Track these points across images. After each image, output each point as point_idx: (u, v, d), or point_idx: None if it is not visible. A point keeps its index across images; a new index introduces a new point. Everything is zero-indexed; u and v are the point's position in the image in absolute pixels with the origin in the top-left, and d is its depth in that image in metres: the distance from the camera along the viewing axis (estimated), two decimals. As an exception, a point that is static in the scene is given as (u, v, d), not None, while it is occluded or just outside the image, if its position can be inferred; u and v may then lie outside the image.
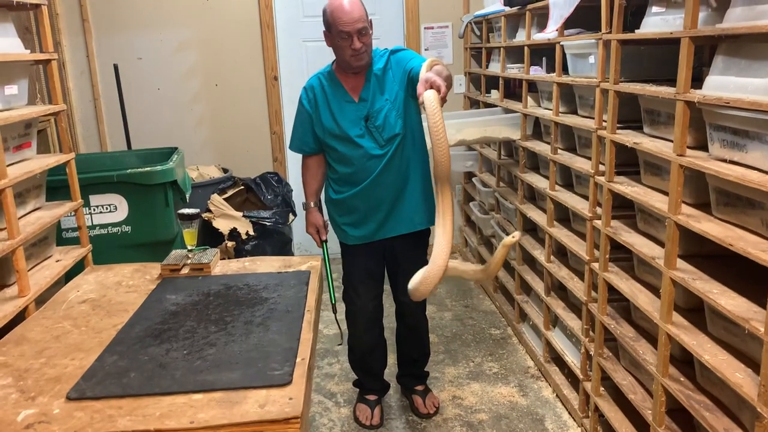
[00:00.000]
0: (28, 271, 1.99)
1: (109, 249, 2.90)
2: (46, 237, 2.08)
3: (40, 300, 1.86)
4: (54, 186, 2.41)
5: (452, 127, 3.28)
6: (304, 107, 2.41)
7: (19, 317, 1.76)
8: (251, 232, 3.71)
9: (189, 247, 2.11)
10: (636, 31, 2.04)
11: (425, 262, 1.85)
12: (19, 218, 1.95)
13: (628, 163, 2.25)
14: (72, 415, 1.25)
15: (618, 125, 2.19)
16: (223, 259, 3.77)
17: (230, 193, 3.90)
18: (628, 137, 2.10)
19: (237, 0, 4.26)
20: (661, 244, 1.97)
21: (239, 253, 3.71)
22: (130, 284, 1.97)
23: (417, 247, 2.53)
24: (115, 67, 3.92)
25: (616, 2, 2.08)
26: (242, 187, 3.98)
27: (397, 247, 2.50)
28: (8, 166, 1.87)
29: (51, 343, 1.56)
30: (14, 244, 1.74)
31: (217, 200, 3.75)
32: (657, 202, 1.93)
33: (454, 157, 4.28)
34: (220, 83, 4.36)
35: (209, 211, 3.76)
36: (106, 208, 2.93)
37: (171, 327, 1.62)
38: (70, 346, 1.54)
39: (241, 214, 3.75)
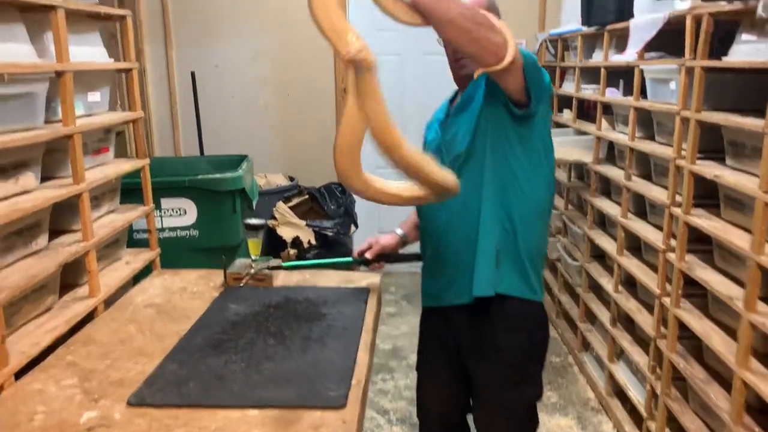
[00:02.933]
0: (99, 272, 2.06)
1: (177, 251, 2.97)
2: (117, 239, 2.15)
3: (109, 301, 1.92)
4: (127, 189, 2.49)
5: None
6: None
7: (88, 317, 1.82)
8: (313, 242, 3.74)
9: (253, 257, 2.13)
10: (723, 58, 1.95)
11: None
12: (94, 220, 2.01)
13: (708, 195, 2.14)
14: (132, 421, 1.27)
15: (698, 155, 2.09)
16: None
17: (295, 201, 3.95)
18: (709, 169, 2.00)
19: (313, 12, 4.32)
20: (740, 283, 1.87)
21: (301, 260, 3.74)
22: (194, 290, 2.00)
23: (482, 338, 1.74)
24: (192, 75, 4.04)
25: (703, 28, 1.99)
26: (307, 196, 4.02)
27: (462, 328, 1.78)
28: (87, 170, 1.94)
29: (116, 346, 1.60)
30: (88, 247, 1.80)
31: (282, 208, 3.81)
32: (737, 239, 1.82)
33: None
34: (291, 93, 4.43)
35: (274, 218, 3.81)
36: (176, 212, 3.01)
37: (231, 338, 1.63)
38: (134, 350, 1.58)
39: (304, 222, 3.79)
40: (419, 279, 1.91)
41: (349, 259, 2.04)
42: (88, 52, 1.93)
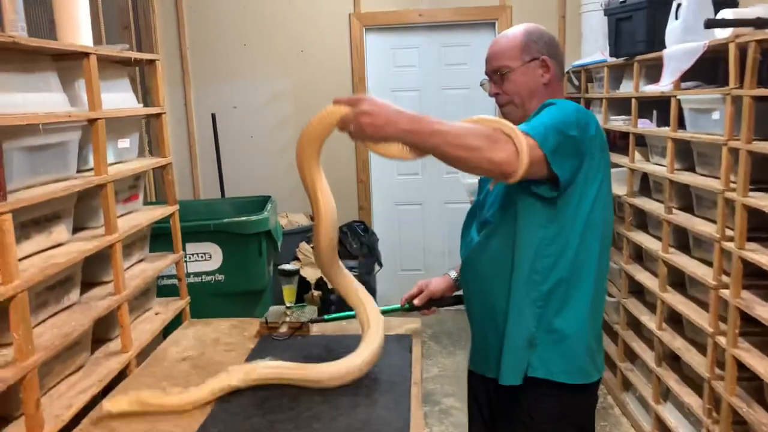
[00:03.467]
0: (134, 320, 1.98)
1: (203, 297, 2.89)
2: (148, 289, 2.07)
3: (142, 354, 1.83)
4: (153, 234, 2.43)
5: (551, 181, 3.14)
6: None
7: (122, 374, 1.74)
8: (339, 283, 3.64)
9: (288, 304, 2.05)
10: (774, 87, 1.88)
11: None
12: (125, 270, 1.94)
13: (759, 227, 2.05)
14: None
15: (750, 187, 2.01)
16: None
17: (319, 241, 3.87)
18: (763, 201, 1.91)
19: (330, 51, 4.31)
20: (807, 322, 1.76)
21: (325, 302, 3.65)
22: (228, 341, 1.92)
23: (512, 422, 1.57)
24: (213, 117, 4.01)
25: (750, 56, 1.92)
26: (331, 236, 3.94)
27: (499, 402, 1.64)
28: (117, 218, 1.88)
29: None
30: (120, 300, 1.73)
31: (305, 248, 3.73)
32: (803, 275, 1.73)
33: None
34: (311, 131, 4.38)
35: (297, 259, 3.73)
36: (201, 257, 2.94)
37: (274, 395, 1.54)
38: (171, 411, 1.49)
39: (329, 263, 3.70)
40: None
41: (397, 306, 1.93)
42: (118, 98, 1.88)
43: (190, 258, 2.93)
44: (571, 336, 1.49)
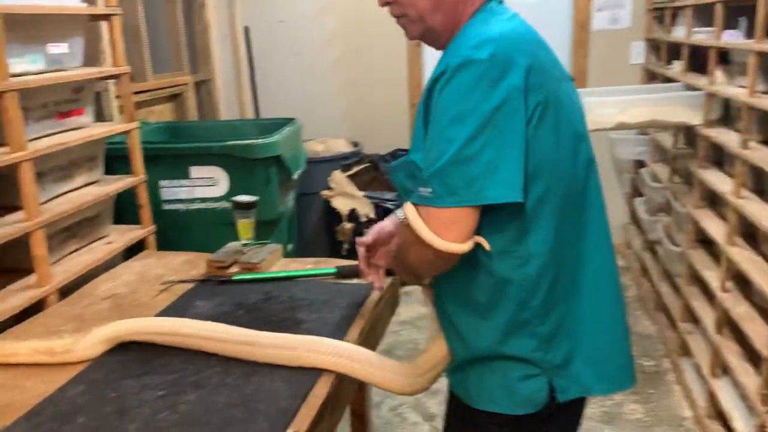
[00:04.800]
0: (74, 252, 1.79)
1: (208, 225, 2.69)
2: (97, 215, 1.86)
3: (73, 288, 1.63)
4: (152, 155, 2.31)
5: (613, 106, 2.64)
6: None
7: (39, 309, 1.55)
8: (371, 215, 3.35)
9: (243, 241, 1.78)
10: None
11: None
12: (60, 195, 1.73)
13: None
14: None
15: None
16: (339, 242, 3.52)
17: (356, 170, 3.56)
18: None
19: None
20: None
21: (357, 236, 3.37)
22: (169, 279, 1.68)
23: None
24: (246, 31, 3.72)
25: None
26: (369, 165, 3.63)
27: None
28: (45, 136, 1.65)
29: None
30: (30, 227, 1.51)
31: (338, 178, 3.44)
32: None
33: (621, 141, 3.57)
34: (360, 51, 4.01)
35: (330, 188, 3.46)
36: (207, 182, 2.72)
37: (169, 354, 1.28)
38: (47, 363, 1.27)
39: (362, 194, 3.40)
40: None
41: (332, 269, 1.62)
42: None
43: (196, 182, 2.72)
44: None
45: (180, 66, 3.65)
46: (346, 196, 3.39)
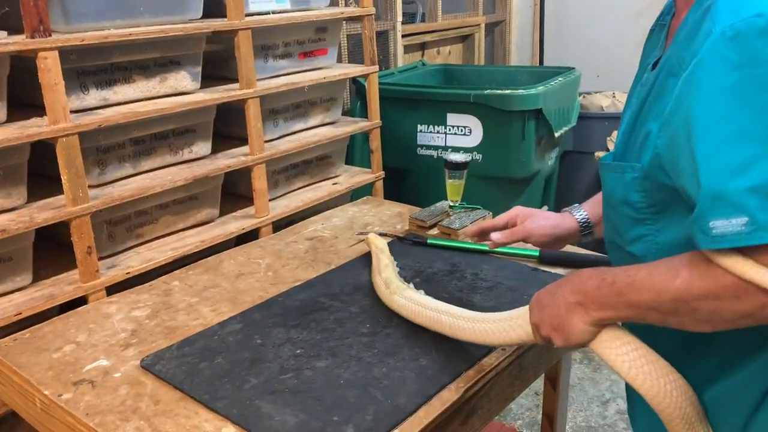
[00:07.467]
0: (300, 188, 1.86)
1: (458, 176, 2.62)
2: (328, 155, 1.90)
3: (288, 223, 1.71)
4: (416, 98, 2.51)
5: None
6: None
7: (254, 237, 1.65)
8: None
9: (450, 203, 1.65)
10: None
11: None
12: (294, 133, 1.80)
13: None
14: (116, 390, 1.03)
15: None
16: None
17: (640, 132, 3.12)
18: None
19: None
20: None
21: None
22: (370, 231, 1.64)
23: None
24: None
25: None
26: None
27: None
28: (288, 75, 1.71)
29: (221, 282, 1.38)
30: (250, 161, 1.59)
31: (616, 137, 3.05)
32: None
33: None
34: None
35: (606, 149, 3.10)
36: (461, 130, 2.62)
37: (331, 309, 1.25)
38: (228, 293, 1.33)
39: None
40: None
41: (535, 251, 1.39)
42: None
43: (450, 130, 2.64)
44: None
45: (474, 5, 3.54)
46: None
